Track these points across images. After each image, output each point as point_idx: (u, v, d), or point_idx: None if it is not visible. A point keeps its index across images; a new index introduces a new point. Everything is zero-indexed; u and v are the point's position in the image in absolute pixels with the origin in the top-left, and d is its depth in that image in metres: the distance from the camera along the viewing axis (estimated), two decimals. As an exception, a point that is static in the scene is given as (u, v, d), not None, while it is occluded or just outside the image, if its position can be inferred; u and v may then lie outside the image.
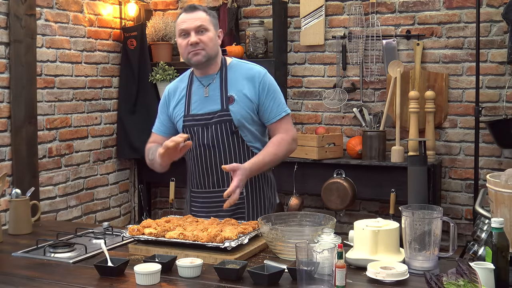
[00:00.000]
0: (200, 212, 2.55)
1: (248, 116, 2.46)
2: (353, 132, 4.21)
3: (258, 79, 2.48)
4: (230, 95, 2.46)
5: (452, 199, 4.01)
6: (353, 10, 4.10)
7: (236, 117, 2.44)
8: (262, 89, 2.47)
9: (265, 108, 2.48)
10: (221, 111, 2.45)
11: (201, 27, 2.42)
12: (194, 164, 2.54)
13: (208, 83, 2.51)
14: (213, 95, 2.48)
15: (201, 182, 2.54)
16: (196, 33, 2.42)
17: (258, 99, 2.47)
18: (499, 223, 1.76)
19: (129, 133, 4.37)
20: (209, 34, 2.44)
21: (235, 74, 2.50)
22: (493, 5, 3.80)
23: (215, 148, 2.47)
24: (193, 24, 2.41)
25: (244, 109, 2.45)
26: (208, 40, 2.43)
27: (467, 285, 1.59)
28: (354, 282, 1.79)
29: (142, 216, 4.58)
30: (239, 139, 2.47)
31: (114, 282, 1.83)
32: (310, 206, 4.34)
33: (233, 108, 2.44)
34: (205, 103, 2.49)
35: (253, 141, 2.51)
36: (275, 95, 2.51)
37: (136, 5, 4.44)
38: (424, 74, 3.97)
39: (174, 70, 4.35)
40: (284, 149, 2.49)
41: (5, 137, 3.48)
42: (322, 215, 2.16)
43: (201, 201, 2.55)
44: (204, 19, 2.44)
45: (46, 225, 2.73)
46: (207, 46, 2.43)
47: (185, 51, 2.47)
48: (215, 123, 2.45)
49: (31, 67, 3.58)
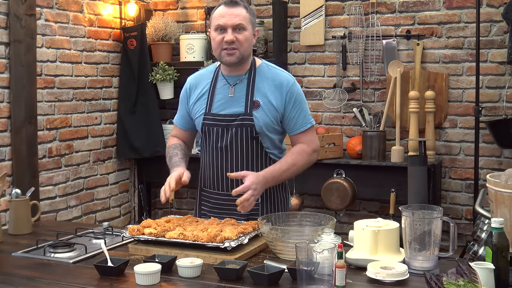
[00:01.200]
0: (210, 213, 2.49)
1: (270, 124, 2.38)
2: (353, 132, 4.21)
3: (286, 88, 2.39)
4: (256, 100, 2.37)
5: (452, 199, 4.01)
6: (353, 10, 4.10)
7: (258, 123, 2.35)
8: (289, 99, 2.38)
9: (290, 119, 2.40)
10: (244, 114, 2.36)
11: (239, 25, 2.31)
12: (208, 164, 2.47)
13: (234, 83, 2.41)
14: (239, 97, 2.39)
15: (214, 183, 2.47)
16: (233, 31, 2.31)
17: (284, 108, 2.38)
18: (499, 223, 1.76)
19: (129, 133, 4.37)
20: (246, 33, 2.34)
21: (264, 79, 2.41)
22: (493, 5, 3.80)
23: (232, 151, 2.40)
24: (232, 21, 2.31)
25: (268, 117, 2.37)
26: (244, 40, 2.33)
27: (467, 285, 1.59)
28: (354, 282, 1.79)
29: (142, 216, 4.58)
30: (258, 145, 2.39)
31: (114, 282, 1.83)
32: (310, 206, 4.34)
33: (256, 114, 2.36)
34: (229, 103, 2.40)
35: (271, 147, 2.44)
36: (302, 106, 2.42)
37: (136, 5, 4.44)
38: (424, 74, 3.97)
39: (174, 70, 4.35)
40: (304, 160, 2.42)
41: (5, 137, 3.48)
42: (322, 215, 2.16)
43: (213, 202, 2.48)
44: (244, 17, 2.33)
45: (46, 225, 2.73)
46: (242, 46, 2.33)
47: (218, 47, 2.35)
48: (236, 126, 2.37)
49: (31, 67, 3.58)
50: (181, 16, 4.65)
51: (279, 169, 2.36)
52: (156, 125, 4.39)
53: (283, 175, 2.39)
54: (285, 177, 2.42)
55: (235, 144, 2.39)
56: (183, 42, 4.39)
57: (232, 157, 2.40)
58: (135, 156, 4.42)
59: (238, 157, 2.40)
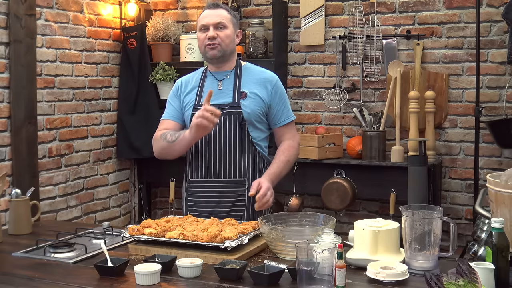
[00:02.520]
0: (197, 203, 2.57)
1: (257, 113, 2.53)
2: (353, 132, 4.21)
3: (271, 83, 2.59)
4: (243, 91, 2.54)
5: (452, 199, 4.01)
6: (353, 10, 4.10)
7: (246, 110, 2.51)
8: (274, 92, 2.58)
9: (276, 111, 2.59)
10: (232, 103, 2.52)
11: (220, 23, 2.52)
12: (196, 154, 2.57)
13: (222, 78, 2.59)
14: (226, 89, 2.55)
15: (202, 171, 2.56)
16: (215, 29, 2.51)
17: (270, 100, 2.57)
18: (499, 223, 1.76)
19: (129, 133, 4.37)
20: (227, 31, 2.53)
21: (249, 76, 2.59)
22: (493, 5, 3.80)
23: (221, 138, 2.52)
24: (213, 20, 2.52)
25: (255, 106, 2.52)
26: (225, 36, 2.52)
27: (467, 285, 1.59)
28: (354, 282, 1.79)
29: (142, 216, 4.58)
30: (245, 133, 2.53)
31: (114, 282, 1.83)
32: (310, 206, 4.34)
33: (244, 103, 2.51)
34: (217, 95, 2.53)
35: (257, 139, 2.57)
36: (285, 101, 2.63)
37: (136, 5, 4.44)
38: (424, 74, 3.97)
39: (174, 70, 4.35)
40: (294, 155, 2.62)
41: (5, 137, 3.48)
42: (322, 215, 2.16)
43: (200, 191, 2.57)
44: (225, 17, 2.54)
45: (46, 225, 2.73)
46: (223, 42, 2.52)
47: (202, 44, 2.55)
48: (225, 114, 2.50)
49: (31, 67, 3.58)
50: (181, 16, 4.65)
51: (278, 167, 2.54)
52: (156, 125, 4.33)
53: (282, 173, 2.58)
54: (284, 174, 2.59)
55: (223, 132, 2.52)
56: (183, 42, 4.39)
57: (220, 144, 2.52)
58: (135, 156, 4.42)
59: (225, 145, 2.52)
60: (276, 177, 2.52)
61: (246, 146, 2.54)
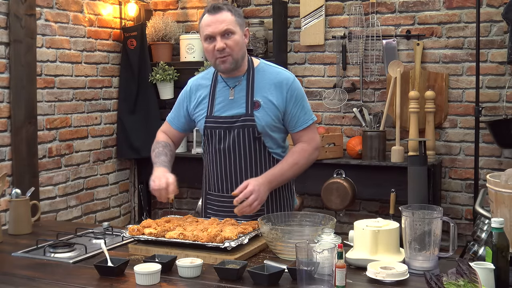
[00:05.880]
0: (215, 212, 2.48)
1: (272, 123, 2.38)
2: (353, 132, 4.21)
3: (287, 86, 2.38)
4: (256, 100, 2.37)
5: (452, 199, 4.01)
6: (353, 10, 4.10)
7: (260, 123, 2.35)
8: (290, 97, 2.38)
9: (292, 116, 2.40)
10: (245, 115, 2.36)
11: (227, 30, 2.30)
12: (212, 167, 2.47)
13: (234, 85, 2.42)
14: (239, 98, 2.39)
15: (218, 186, 2.46)
16: (222, 37, 2.30)
17: (285, 106, 2.38)
18: (499, 223, 1.76)
19: (129, 133, 4.37)
20: (235, 37, 2.32)
21: (263, 79, 2.41)
22: (493, 5, 3.80)
23: (235, 152, 2.39)
24: (218, 28, 2.30)
25: (269, 116, 2.36)
26: (235, 44, 2.32)
27: (467, 285, 1.59)
28: (354, 282, 1.79)
29: (142, 216, 4.58)
30: (261, 145, 2.39)
31: (114, 282, 1.83)
32: (310, 206, 4.34)
33: (258, 114, 2.36)
34: (230, 105, 2.40)
35: (273, 147, 2.43)
36: (303, 103, 2.42)
37: (136, 5, 4.44)
38: (424, 74, 3.97)
39: (174, 70, 4.35)
40: (305, 159, 2.42)
41: (5, 137, 3.48)
42: (322, 215, 2.16)
43: (218, 205, 2.48)
44: (230, 21, 2.31)
45: (46, 225, 2.72)
46: (233, 50, 2.32)
47: (212, 57, 2.36)
48: (238, 127, 2.37)
49: (31, 67, 3.58)
50: (181, 16, 4.65)
51: (281, 169, 2.37)
52: (156, 125, 4.33)
53: (285, 175, 2.39)
54: (288, 177, 2.42)
55: (237, 146, 2.39)
56: (183, 42, 4.39)
57: (236, 158, 2.40)
58: (135, 156, 4.42)
59: (241, 159, 2.40)
60: (276, 178, 2.35)
61: (263, 158, 2.41)
